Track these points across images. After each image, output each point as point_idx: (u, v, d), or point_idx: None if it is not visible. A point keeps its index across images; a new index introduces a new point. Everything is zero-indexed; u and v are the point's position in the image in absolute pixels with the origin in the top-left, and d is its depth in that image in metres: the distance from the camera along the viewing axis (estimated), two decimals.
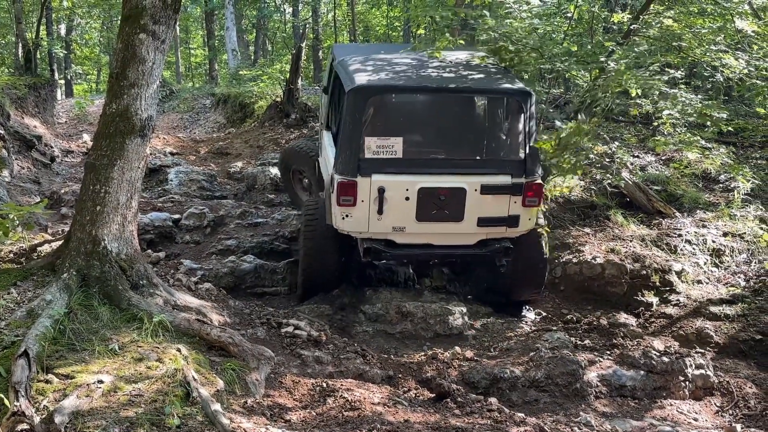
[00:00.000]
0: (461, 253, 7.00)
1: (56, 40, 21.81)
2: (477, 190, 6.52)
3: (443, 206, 6.52)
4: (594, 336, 6.90)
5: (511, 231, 6.76)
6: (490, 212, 6.62)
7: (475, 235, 6.76)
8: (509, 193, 6.58)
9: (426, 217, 6.53)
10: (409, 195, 6.46)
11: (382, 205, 6.43)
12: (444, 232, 6.69)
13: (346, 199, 6.39)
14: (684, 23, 8.21)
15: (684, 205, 9.31)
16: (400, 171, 6.47)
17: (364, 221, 6.51)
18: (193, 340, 4.67)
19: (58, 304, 4.51)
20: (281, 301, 7.51)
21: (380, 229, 6.57)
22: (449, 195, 6.50)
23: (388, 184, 6.42)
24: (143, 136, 5.13)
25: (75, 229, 5.02)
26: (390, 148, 6.45)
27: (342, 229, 6.64)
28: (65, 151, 12.36)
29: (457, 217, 6.57)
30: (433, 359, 6.08)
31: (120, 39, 5.24)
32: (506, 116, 7.16)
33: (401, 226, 6.56)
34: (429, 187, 6.46)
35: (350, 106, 6.46)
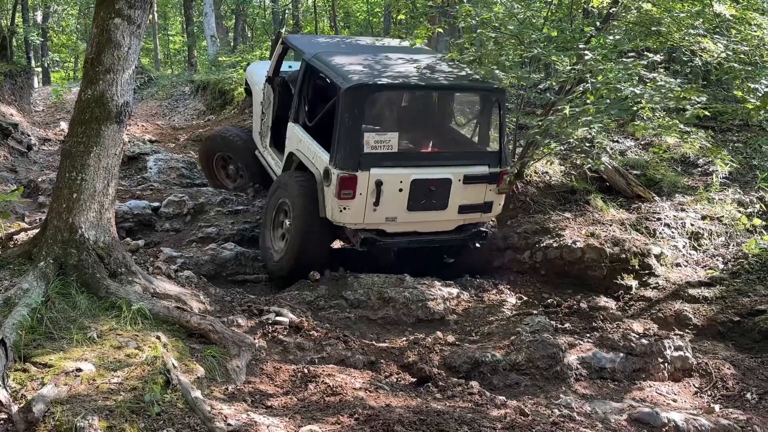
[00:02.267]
0: (442, 238, 7.44)
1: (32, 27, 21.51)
2: (460, 180, 7.02)
3: (432, 196, 6.96)
4: (574, 319, 6.94)
5: (484, 216, 7.39)
6: (470, 200, 7.17)
7: (455, 222, 7.32)
8: (486, 182, 7.17)
9: (416, 206, 6.97)
10: (403, 186, 6.84)
11: (379, 197, 6.76)
12: (429, 220, 7.16)
13: (347, 192, 6.68)
14: (663, 7, 8.23)
15: (663, 189, 9.37)
16: (395, 164, 6.84)
17: (360, 213, 6.82)
18: (173, 328, 4.66)
19: (35, 293, 4.47)
20: (262, 289, 7.48)
21: (374, 220, 6.92)
22: (437, 185, 6.96)
23: (385, 177, 6.75)
24: (120, 122, 5.09)
25: (51, 217, 4.97)
26: (387, 143, 6.81)
27: (338, 221, 6.90)
28: (42, 140, 12.20)
29: (442, 205, 7.07)
30: (415, 344, 6.09)
31: (95, 24, 5.19)
32: (483, 111, 7.69)
33: (393, 216, 6.95)
34: (420, 179, 6.89)
35: (349, 104, 6.71)
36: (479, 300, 7.48)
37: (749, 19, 7.82)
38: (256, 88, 9.13)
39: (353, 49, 8.41)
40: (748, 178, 9.54)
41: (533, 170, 9.52)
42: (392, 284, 7.10)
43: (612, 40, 7.71)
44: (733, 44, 7.64)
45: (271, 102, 8.47)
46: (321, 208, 6.96)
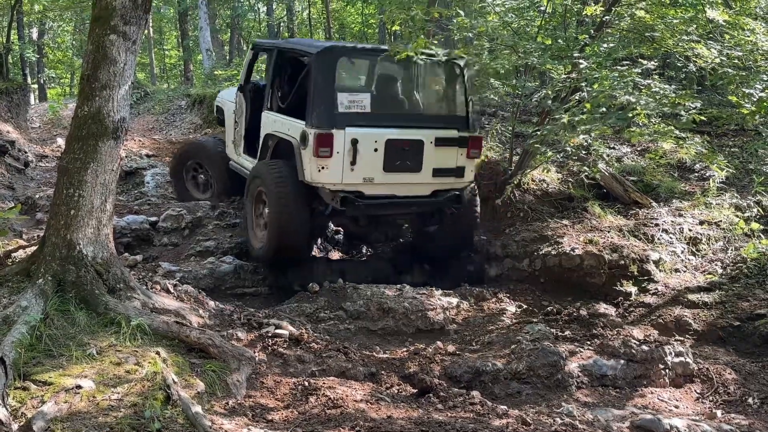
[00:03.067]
0: (419, 202, 7.70)
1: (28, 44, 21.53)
2: (432, 142, 7.37)
3: (406, 157, 7.27)
4: (574, 327, 6.93)
5: (458, 181, 7.66)
6: (442, 164, 7.48)
7: (431, 186, 7.58)
8: (456, 145, 7.50)
9: (392, 167, 7.24)
10: (378, 146, 7.14)
11: (356, 156, 7.03)
12: (406, 182, 7.44)
13: (324, 150, 6.93)
14: (656, 14, 8.27)
15: (660, 195, 9.39)
16: (369, 124, 7.16)
17: (338, 172, 7.06)
18: (172, 343, 4.64)
19: (34, 310, 4.45)
20: (262, 301, 7.47)
21: (352, 180, 7.16)
22: (410, 146, 7.29)
23: (360, 136, 7.05)
24: (116, 138, 5.08)
25: (49, 234, 4.96)
26: (360, 103, 7.18)
27: (317, 181, 7.13)
28: (39, 156, 12.20)
29: (417, 167, 7.35)
30: (416, 354, 6.08)
31: (90, 40, 5.18)
32: (449, 78, 7.98)
33: (371, 176, 7.20)
34: (395, 139, 7.21)
35: (320, 67, 7.11)
36: (479, 309, 7.47)
37: (742, 24, 7.86)
38: (228, 105, 9.34)
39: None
40: (744, 183, 9.56)
41: (530, 178, 9.53)
42: (392, 294, 7.10)
43: (606, 48, 7.74)
44: (727, 50, 7.68)
45: (244, 110, 8.66)
46: (300, 172, 7.17)
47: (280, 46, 8.20)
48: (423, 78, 8.22)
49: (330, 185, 7.15)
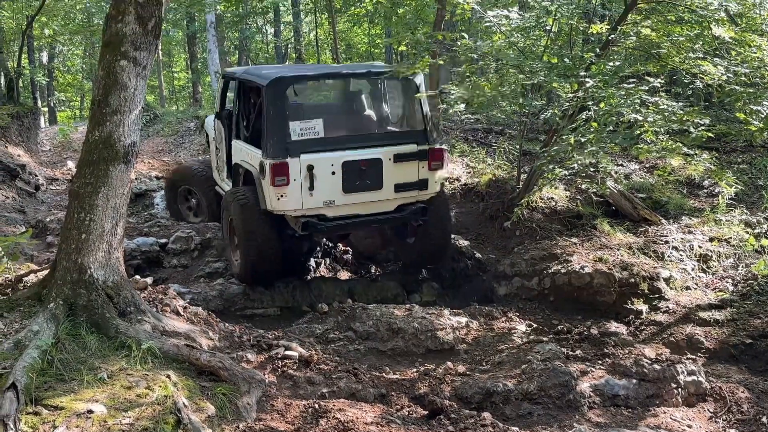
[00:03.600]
0: (383, 219, 7.77)
1: (38, 68, 21.76)
2: (391, 159, 7.47)
3: (365, 177, 7.39)
4: (585, 346, 6.89)
5: (422, 194, 7.71)
6: (404, 178, 7.56)
7: (394, 201, 7.67)
8: (417, 159, 7.58)
9: (351, 188, 7.37)
10: (335, 169, 7.27)
11: (313, 182, 7.18)
12: (368, 201, 7.52)
13: (280, 179, 7.10)
14: (662, 32, 8.29)
15: (669, 212, 9.37)
16: (324, 149, 7.30)
17: (297, 199, 7.22)
18: (182, 366, 4.64)
19: (46, 335, 4.47)
20: (271, 322, 7.46)
21: (313, 205, 7.30)
22: (368, 165, 7.39)
23: (315, 162, 7.21)
24: (127, 162, 5.12)
25: (60, 258, 4.99)
26: (312, 129, 7.30)
27: (278, 209, 7.28)
28: (50, 179, 12.30)
29: (377, 185, 7.47)
30: (426, 375, 6.05)
31: (101, 66, 5.24)
32: (404, 93, 8.10)
33: (331, 199, 7.33)
34: (351, 160, 7.33)
35: (271, 98, 7.23)
36: (489, 328, 7.43)
37: (749, 41, 7.87)
38: (210, 131, 9.61)
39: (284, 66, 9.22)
40: (754, 199, 9.54)
41: (538, 196, 9.54)
42: (401, 314, 7.08)
43: (612, 66, 7.76)
44: (734, 66, 7.69)
45: (223, 136, 8.82)
46: (261, 201, 7.32)
47: (239, 76, 8.31)
48: (379, 96, 8.40)
49: (291, 212, 7.32)
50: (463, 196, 10.19)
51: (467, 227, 9.61)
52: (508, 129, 12.18)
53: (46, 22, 19.52)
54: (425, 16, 11.59)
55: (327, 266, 8.76)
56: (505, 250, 9.03)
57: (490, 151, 11.52)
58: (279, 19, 24.20)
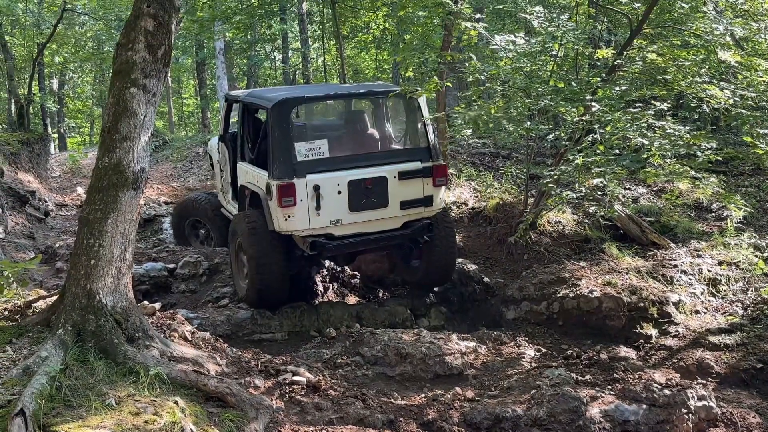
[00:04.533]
0: (390, 236, 7.76)
1: (48, 95, 22.00)
2: (395, 176, 7.55)
3: (371, 195, 7.45)
4: (595, 371, 6.85)
5: (427, 210, 7.78)
6: (409, 195, 7.64)
7: (400, 218, 7.72)
8: (421, 176, 7.66)
9: (358, 207, 7.42)
10: (341, 189, 7.34)
11: (320, 201, 7.23)
12: (374, 219, 7.57)
13: (287, 200, 7.15)
14: (668, 56, 8.34)
15: (678, 236, 9.36)
16: (329, 168, 7.37)
17: (305, 219, 7.27)
18: (190, 392, 4.63)
19: (54, 361, 4.47)
20: (279, 347, 7.45)
21: (320, 224, 7.35)
22: (374, 184, 7.45)
23: (321, 182, 7.28)
24: (136, 188, 5.16)
25: (70, 284, 5.01)
26: (318, 150, 7.40)
27: (286, 230, 7.32)
28: (59, 205, 12.37)
29: (383, 203, 7.53)
30: (434, 401, 6.02)
31: (111, 93, 5.30)
32: (407, 113, 8.24)
33: (338, 218, 7.39)
34: (357, 179, 7.39)
35: (276, 119, 7.32)
36: (497, 353, 7.40)
37: (755, 65, 7.90)
38: (214, 153, 9.73)
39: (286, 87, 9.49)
40: (763, 222, 9.52)
41: (546, 220, 9.55)
42: (409, 339, 7.06)
43: (618, 90, 7.80)
44: (740, 90, 7.71)
45: (227, 158, 8.93)
46: (269, 222, 7.38)
47: (243, 99, 8.39)
48: (382, 115, 8.52)
49: (299, 232, 7.36)
50: (471, 220, 10.20)
51: (475, 251, 9.60)
52: (515, 153, 12.22)
53: (56, 50, 19.76)
54: (432, 41, 11.68)
55: (335, 291, 8.75)
56: (514, 274, 9.02)
57: (498, 175, 11.55)
58: (287, 46, 24.42)
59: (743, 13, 8.91)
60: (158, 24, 5.29)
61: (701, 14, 8.49)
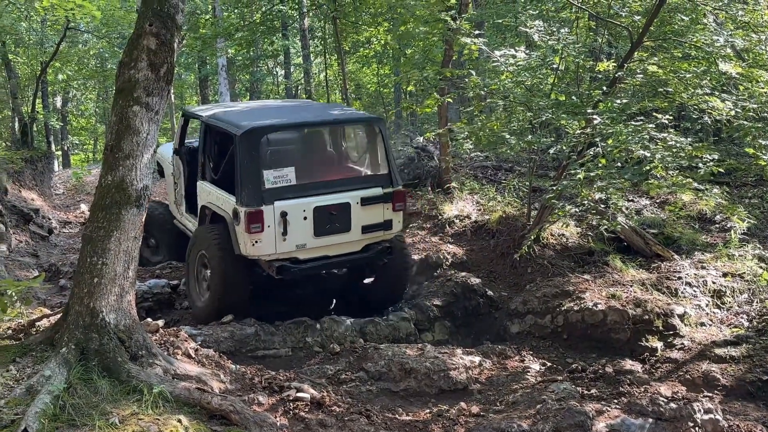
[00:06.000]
0: (351, 258, 8.04)
1: (52, 113, 22.08)
2: (358, 203, 7.78)
3: (335, 221, 7.67)
4: (600, 384, 6.82)
5: (387, 234, 8.03)
6: (370, 220, 7.88)
7: (361, 242, 7.97)
8: (382, 201, 7.90)
9: (322, 232, 7.63)
10: (306, 215, 7.54)
11: (286, 227, 7.42)
12: (337, 243, 7.80)
13: (255, 226, 7.31)
14: (669, 68, 8.36)
15: (682, 247, 9.33)
16: (296, 195, 7.54)
17: (271, 244, 7.43)
18: (193, 410, 4.62)
19: (58, 380, 4.47)
20: (283, 363, 7.42)
21: (286, 249, 7.52)
22: (338, 210, 7.68)
23: (289, 208, 7.44)
24: (139, 206, 5.17)
25: (73, 302, 5.01)
26: (285, 177, 7.55)
27: (252, 254, 7.46)
28: (63, 222, 12.39)
29: (346, 228, 7.76)
30: (439, 416, 5.99)
31: (114, 111, 5.32)
32: (368, 139, 8.41)
33: (303, 243, 7.57)
34: (322, 206, 7.60)
35: (245, 147, 7.43)
36: (502, 367, 7.37)
37: (756, 76, 7.92)
38: (166, 164, 9.75)
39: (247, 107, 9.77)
40: (767, 233, 9.48)
41: (549, 233, 9.54)
42: (413, 354, 7.03)
43: (619, 103, 7.81)
44: (741, 101, 7.72)
45: (182, 171, 9.03)
46: (235, 246, 7.49)
47: (207, 121, 8.39)
48: (345, 143, 8.71)
49: (265, 256, 7.49)
50: (474, 234, 10.19)
51: (478, 265, 9.59)
52: (517, 166, 12.22)
53: (60, 68, 19.86)
54: (433, 56, 11.72)
55: (337, 306, 8.74)
56: (517, 288, 8.99)
57: (500, 188, 11.54)
58: (289, 61, 24.52)
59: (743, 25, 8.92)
60: (160, 42, 5.32)
61: (701, 26, 8.52)
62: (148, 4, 5.43)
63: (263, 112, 8.62)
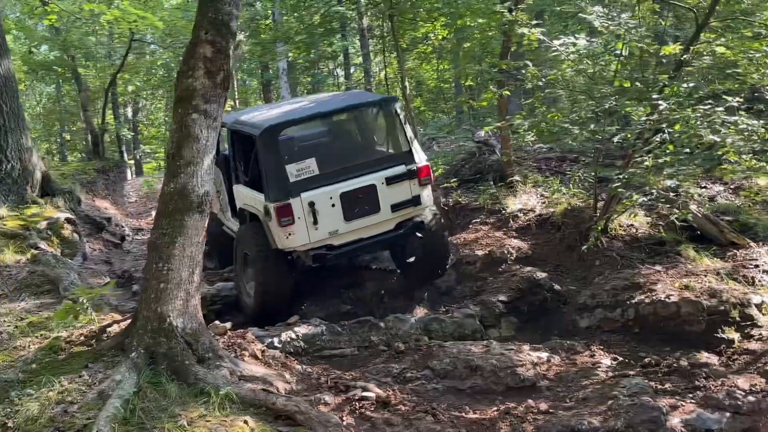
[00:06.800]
0: (386, 238, 8.23)
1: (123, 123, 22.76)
2: (383, 182, 7.97)
3: (363, 203, 7.90)
4: (674, 378, 6.59)
5: (417, 209, 8.21)
6: (398, 198, 8.06)
7: (393, 221, 8.15)
8: (407, 178, 8.06)
9: (352, 216, 7.87)
10: (334, 201, 7.77)
11: (316, 216, 7.66)
12: (368, 225, 8.01)
13: (286, 219, 7.60)
14: (738, 49, 8.03)
15: (759, 234, 8.96)
16: (321, 184, 7.78)
17: (304, 234, 7.71)
18: (259, 411, 4.67)
19: (128, 384, 4.58)
20: (349, 362, 7.44)
21: (319, 237, 7.80)
22: (364, 192, 7.90)
23: (315, 197, 7.71)
24: (201, 211, 5.27)
25: (141, 308, 5.14)
26: (308, 169, 7.80)
27: (288, 247, 7.77)
28: (135, 229, 12.75)
29: (375, 209, 7.97)
30: (507, 414, 5.90)
31: (174, 120, 5.45)
32: (384, 120, 8.61)
33: (335, 229, 7.83)
34: (348, 191, 7.84)
35: (265, 146, 7.76)
36: (571, 363, 7.21)
37: None
38: None
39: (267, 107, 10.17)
40: None
41: (618, 224, 9.30)
42: (478, 351, 6.96)
43: (686, 87, 7.54)
44: None
45: (222, 180, 9.35)
46: (271, 241, 7.78)
47: (230, 126, 8.79)
48: (362, 127, 8.97)
49: (300, 247, 7.76)
50: (539, 227, 10.00)
51: (544, 258, 9.42)
52: (583, 156, 11.94)
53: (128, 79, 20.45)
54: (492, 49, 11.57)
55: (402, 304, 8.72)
56: (585, 281, 8.80)
57: (565, 180, 11.31)
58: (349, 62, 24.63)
59: None
60: (216, 50, 5.41)
61: None
62: (203, 12, 5.53)
63: (281, 111, 8.88)
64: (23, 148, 9.34)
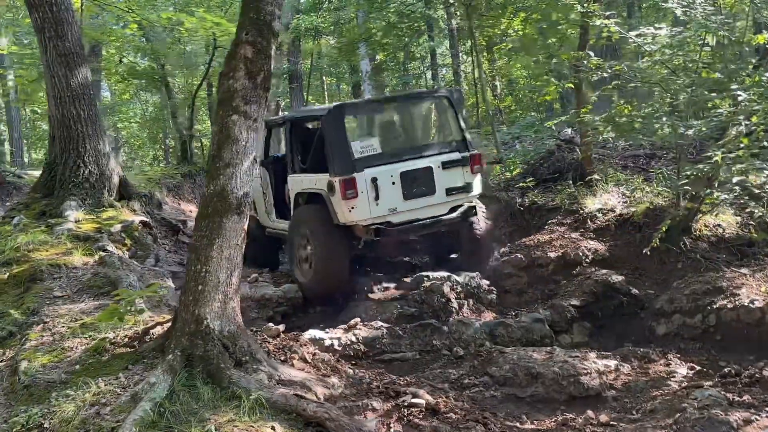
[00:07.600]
0: (441, 220, 8.56)
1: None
2: (439, 166, 8.44)
3: (420, 184, 8.33)
4: (755, 390, 6.05)
5: (468, 196, 8.66)
6: (452, 183, 8.52)
7: (446, 204, 8.59)
8: (461, 165, 8.56)
9: (410, 195, 8.29)
10: (394, 179, 8.21)
11: (378, 192, 8.08)
12: (425, 205, 8.43)
13: (350, 192, 8.00)
14: None
15: None
16: (383, 162, 8.25)
17: (366, 209, 8.10)
18: (290, 417, 4.57)
19: (161, 387, 4.58)
20: (408, 367, 7.27)
21: (379, 213, 8.18)
22: (422, 174, 8.36)
23: (378, 174, 8.14)
24: (240, 213, 5.21)
25: (180, 310, 5.14)
26: (371, 147, 8.30)
27: (350, 220, 8.14)
28: None
29: (431, 191, 8.42)
30: (564, 426, 5.58)
31: (216, 122, 5.43)
32: (440, 110, 9.23)
33: (394, 206, 8.23)
34: (407, 170, 8.30)
35: (332, 124, 8.25)
36: (643, 372, 6.77)
37: None
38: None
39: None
40: None
41: (703, 224, 8.72)
42: (540, 358, 6.63)
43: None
44: None
45: (269, 182, 9.78)
46: (333, 216, 8.19)
47: (290, 118, 9.49)
48: (421, 115, 9.54)
49: (362, 221, 8.16)
50: (618, 228, 9.50)
51: (622, 261, 8.97)
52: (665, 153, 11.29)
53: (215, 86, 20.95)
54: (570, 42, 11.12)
55: (470, 307, 8.47)
56: (666, 285, 8.29)
57: (650, 178, 10.70)
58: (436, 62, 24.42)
59: None
60: (257, 51, 5.35)
61: None
62: (245, 13, 5.50)
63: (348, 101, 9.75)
64: (101, 154, 9.64)
